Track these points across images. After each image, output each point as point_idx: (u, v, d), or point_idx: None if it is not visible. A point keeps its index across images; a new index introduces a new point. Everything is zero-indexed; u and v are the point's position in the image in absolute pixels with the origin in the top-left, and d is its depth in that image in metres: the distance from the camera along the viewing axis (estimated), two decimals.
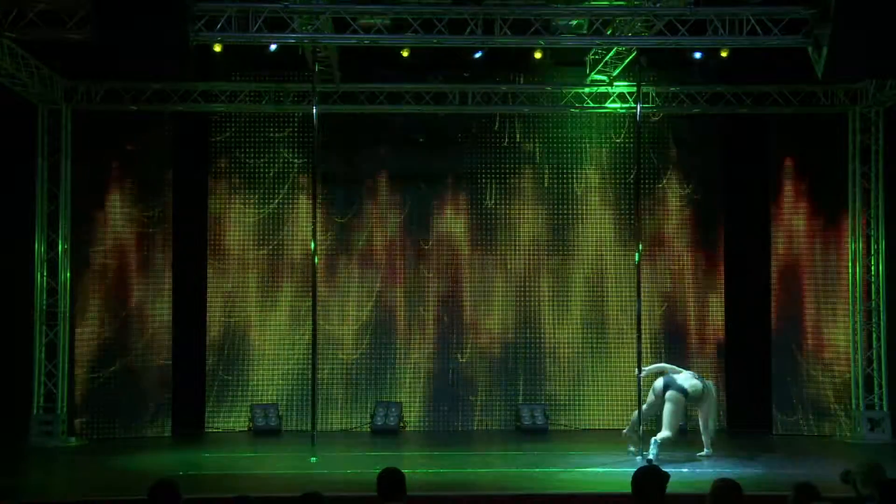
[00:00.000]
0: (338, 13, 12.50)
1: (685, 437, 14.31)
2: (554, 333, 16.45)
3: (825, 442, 15.06)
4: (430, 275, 16.47)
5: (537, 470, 12.67)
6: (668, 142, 16.58)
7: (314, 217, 13.96)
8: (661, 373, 13.65)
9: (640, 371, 13.58)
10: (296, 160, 16.34)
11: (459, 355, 16.41)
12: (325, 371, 16.08)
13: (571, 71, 15.63)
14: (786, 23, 12.51)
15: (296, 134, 16.33)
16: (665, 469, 5.79)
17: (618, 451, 13.48)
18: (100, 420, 15.18)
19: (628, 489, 5.60)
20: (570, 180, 16.59)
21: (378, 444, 15.08)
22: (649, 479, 5.65)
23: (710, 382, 13.90)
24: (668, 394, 13.24)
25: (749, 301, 16.31)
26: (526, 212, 16.55)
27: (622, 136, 16.48)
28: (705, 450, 13.47)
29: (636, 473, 5.70)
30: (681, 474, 11.79)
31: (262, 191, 16.40)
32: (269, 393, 16.20)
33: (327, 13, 12.44)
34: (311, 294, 13.89)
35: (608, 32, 13.01)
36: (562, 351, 16.43)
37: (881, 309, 15.27)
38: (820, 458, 13.38)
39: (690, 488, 10.50)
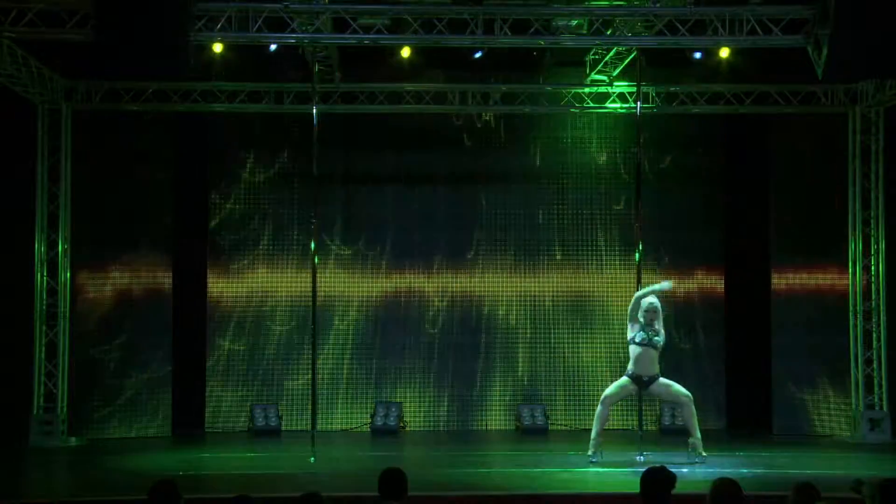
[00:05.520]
0: (338, 13, 12.51)
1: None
2: (554, 333, 16.44)
3: (825, 442, 15.06)
4: (431, 275, 16.48)
5: (537, 470, 12.66)
6: (668, 142, 16.58)
7: (314, 217, 13.96)
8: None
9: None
10: (295, 160, 16.33)
11: (459, 355, 16.41)
12: (325, 371, 16.09)
13: (571, 71, 15.64)
14: (786, 23, 12.52)
15: (295, 134, 16.32)
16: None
17: (618, 451, 13.44)
18: (100, 420, 15.19)
19: (629, 489, 5.61)
20: (569, 180, 16.59)
21: (378, 444, 15.09)
22: (658, 482, 5.65)
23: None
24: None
25: (749, 301, 16.30)
26: (526, 212, 16.54)
27: (622, 136, 16.48)
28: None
29: (644, 475, 5.70)
30: (681, 474, 11.75)
31: (262, 191, 16.40)
32: (269, 393, 16.20)
33: (327, 13, 12.44)
34: (311, 294, 13.89)
35: (608, 32, 13.02)
36: (562, 351, 16.42)
37: (881, 309, 15.25)
38: (820, 458, 13.37)
39: (690, 488, 10.48)
